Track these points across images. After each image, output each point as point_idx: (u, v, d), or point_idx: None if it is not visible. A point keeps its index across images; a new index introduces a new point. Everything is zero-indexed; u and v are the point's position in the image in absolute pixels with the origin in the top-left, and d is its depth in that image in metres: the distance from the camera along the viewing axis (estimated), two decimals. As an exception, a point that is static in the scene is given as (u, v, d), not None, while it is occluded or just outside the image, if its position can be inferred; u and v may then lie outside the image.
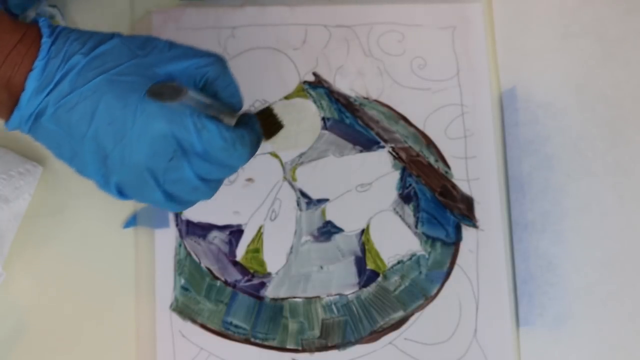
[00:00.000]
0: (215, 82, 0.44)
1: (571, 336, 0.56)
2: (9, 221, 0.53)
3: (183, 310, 0.55)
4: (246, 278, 0.56)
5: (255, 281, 0.56)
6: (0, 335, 0.54)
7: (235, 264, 0.56)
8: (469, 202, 0.59)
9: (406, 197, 0.58)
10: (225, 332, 0.55)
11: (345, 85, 0.60)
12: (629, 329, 0.57)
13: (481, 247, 0.58)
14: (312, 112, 0.59)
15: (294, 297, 0.56)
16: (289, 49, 0.60)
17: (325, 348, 0.55)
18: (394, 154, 0.59)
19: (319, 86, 0.59)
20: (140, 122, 0.41)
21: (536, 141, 0.59)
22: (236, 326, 0.55)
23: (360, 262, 0.57)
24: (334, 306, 0.56)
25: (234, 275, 0.56)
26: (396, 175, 0.59)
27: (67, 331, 0.54)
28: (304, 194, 0.58)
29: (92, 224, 0.56)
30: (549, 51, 0.61)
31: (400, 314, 0.56)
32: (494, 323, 0.57)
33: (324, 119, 0.59)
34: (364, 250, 0.57)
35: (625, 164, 0.59)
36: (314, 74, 0.60)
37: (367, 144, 0.59)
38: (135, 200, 0.44)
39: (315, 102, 0.59)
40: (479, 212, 0.58)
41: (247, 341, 0.55)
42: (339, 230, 0.57)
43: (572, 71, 0.61)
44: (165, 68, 0.42)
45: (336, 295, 0.56)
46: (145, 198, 0.44)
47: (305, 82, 0.59)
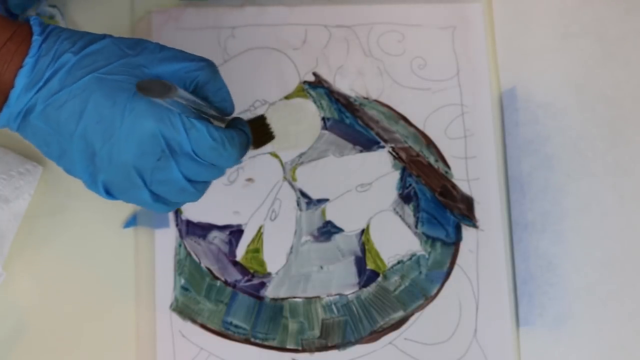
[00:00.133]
0: (205, 87, 0.44)
1: (571, 336, 0.56)
2: (9, 221, 0.53)
3: (183, 310, 0.55)
4: (246, 278, 0.56)
5: (255, 281, 0.56)
6: (0, 335, 0.54)
7: (235, 264, 0.56)
8: (469, 202, 0.58)
9: (406, 197, 0.58)
10: (225, 332, 0.55)
11: (345, 85, 0.60)
12: (629, 329, 0.57)
13: (481, 247, 0.58)
14: (312, 112, 0.59)
15: (294, 297, 0.56)
16: (289, 49, 0.60)
17: (325, 348, 0.55)
18: (394, 154, 0.59)
19: (319, 86, 0.59)
20: (129, 120, 0.40)
21: (536, 141, 0.59)
22: (236, 326, 0.55)
23: (360, 262, 0.57)
24: (334, 306, 0.56)
25: (234, 275, 0.56)
26: (396, 175, 0.59)
27: (67, 331, 0.54)
28: (304, 194, 0.58)
29: (92, 224, 0.56)
30: (549, 51, 0.61)
31: (400, 314, 0.56)
32: (494, 323, 0.56)
33: (324, 119, 0.59)
34: (364, 250, 0.57)
35: (625, 164, 0.59)
36: (314, 74, 0.60)
37: (367, 144, 0.59)
38: (122, 200, 0.44)
39: (315, 102, 0.59)
40: (479, 212, 0.58)
41: (247, 341, 0.55)
42: (339, 230, 0.57)
43: (572, 71, 0.61)
44: (155, 69, 0.42)
45: (336, 295, 0.56)
46: (132, 198, 0.44)
47: (305, 82, 0.59)
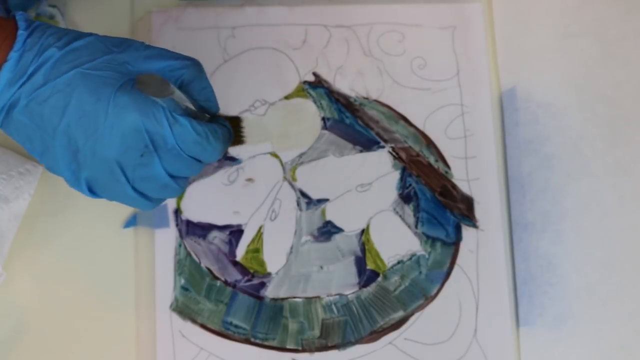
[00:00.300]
0: (190, 85, 0.44)
1: (571, 336, 0.56)
2: (9, 221, 0.53)
3: (183, 310, 0.55)
4: (246, 278, 0.56)
5: (255, 281, 0.56)
6: (0, 335, 0.54)
7: (235, 264, 0.56)
8: (469, 202, 0.58)
9: (406, 197, 0.58)
10: (225, 332, 0.55)
11: (345, 85, 0.60)
12: (629, 329, 0.57)
13: (481, 247, 0.58)
14: (312, 112, 0.59)
15: (294, 297, 0.56)
16: (289, 49, 0.60)
17: (325, 348, 0.55)
18: (394, 154, 0.59)
19: (319, 86, 0.59)
20: (113, 115, 0.40)
21: (536, 141, 0.59)
22: (236, 326, 0.55)
23: (360, 262, 0.57)
24: (334, 306, 0.56)
25: (234, 275, 0.56)
26: (396, 175, 0.59)
27: (67, 331, 0.54)
28: (304, 194, 0.58)
29: (92, 224, 0.56)
30: (549, 51, 0.61)
31: (400, 314, 0.56)
32: (494, 323, 0.56)
33: (324, 119, 0.59)
34: (364, 250, 0.57)
35: (625, 164, 0.59)
36: (314, 74, 0.60)
37: (367, 144, 0.59)
38: (105, 197, 0.44)
39: (315, 102, 0.59)
40: (479, 212, 0.58)
41: (247, 341, 0.55)
42: (339, 230, 0.57)
43: (572, 71, 0.61)
44: (140, 66, 0.42)
45: (336, 295, 0.56)
46: (115, 195, 0.44)
47: (305, 82, 0.59)
